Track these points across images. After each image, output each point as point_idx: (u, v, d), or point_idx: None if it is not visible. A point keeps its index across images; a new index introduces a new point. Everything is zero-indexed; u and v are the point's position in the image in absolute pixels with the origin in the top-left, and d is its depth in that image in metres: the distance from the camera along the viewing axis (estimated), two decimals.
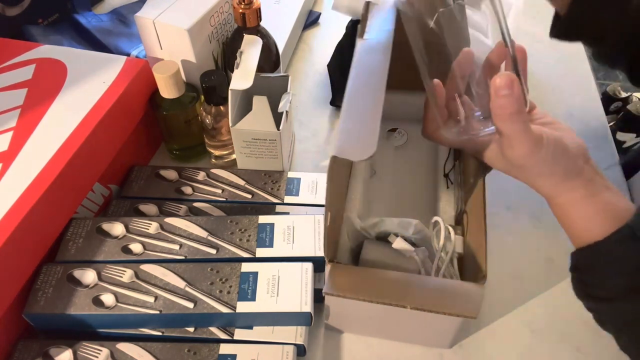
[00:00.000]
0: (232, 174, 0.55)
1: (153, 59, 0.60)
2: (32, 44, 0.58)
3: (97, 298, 0.43)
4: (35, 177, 0.44)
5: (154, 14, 0.56)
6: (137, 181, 0.55)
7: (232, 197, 0.53)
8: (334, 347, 0.47)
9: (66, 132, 0.47)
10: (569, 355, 0.47)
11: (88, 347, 0.42)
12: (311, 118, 0.68)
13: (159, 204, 0.53)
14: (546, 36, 0.51)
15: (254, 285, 0.43)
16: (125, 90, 0.52)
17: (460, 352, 0.46)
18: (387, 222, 0.47)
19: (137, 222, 0.48)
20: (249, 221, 0.49)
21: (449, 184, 0.57)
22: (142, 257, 0.46)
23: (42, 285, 0.44)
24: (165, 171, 0.56)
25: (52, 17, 0.76)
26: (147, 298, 0.43)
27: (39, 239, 0.45)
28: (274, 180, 0.55)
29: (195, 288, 0.44)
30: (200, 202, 0.54)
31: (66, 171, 0.45)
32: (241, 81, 0.50)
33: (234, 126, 0.52)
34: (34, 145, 0.46)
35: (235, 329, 0.44)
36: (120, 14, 0.80)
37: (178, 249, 0.47)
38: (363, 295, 0.40)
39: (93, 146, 0.48)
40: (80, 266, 0.45)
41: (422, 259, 0.45)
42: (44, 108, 0.50)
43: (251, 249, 0.47)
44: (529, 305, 0.50)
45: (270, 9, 0.78)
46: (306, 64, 0.77)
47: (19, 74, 0.54)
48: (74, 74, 0.54)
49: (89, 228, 0.48)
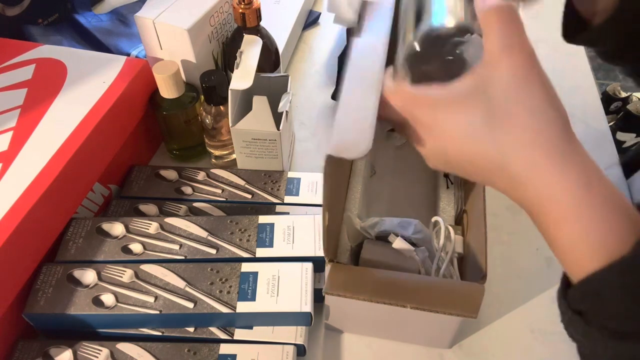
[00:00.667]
0: (232, 174, 0.55)
1: (153, 59, 0.60)
2: (32, 44, 0.58)
3: (97, 298, 0.43)
4: (35, 177, 0.44)
5: (154, 14, 0.56)
6: (137, 181, 0.55)
7: (232, 197, 0.53)
8: (334, 347, 0.47)
9: (66, 132, 0.47)
10: (568, 355, 0.47)
11: (88, 347, 0.42)
12: (311, 118, 0.68)
13: (159, 204, 0.53)
14: (546, 36, 0.51)
15: (254, 285, 0.43)
16: (125, 90, 0.52)
17: (460, 352, 0.46)
18: (387, 222, 0.47)
19: (137, 222, 0.48)
20: (249, 221, 0.49)
21: (449, 184, 0.57)
22: (142, 257, 0.46)
23: (42, 285, 0.44)
24: (165, 171, 0.56)
25: (52, 17, 0.76)
26: (147, 298, 0.43)
27: (39, 239, 0.45)
28: (274, 180, 0.55)
29: (195, 288, 0.44)
30: (200, 202, 0.54)
31: (66, 171, 0.45)
32: (241, 81, 0.50)
33: (234, 126, 0.52)
34: (34, 145, 0.46)
35: (235, 329, 0.44)
36: (120, 14, 0.80)
37: (178, 249, 0.47)
38: (363, 294, 0.40)
39: (93, 146, 0.48)
40: (80, 266, 0.45)
41: (422, 259, 0.45)
42: (44, 108, 0.50)
43: (251, 249, 0.47)
44: (529, 305, 0.50)
45: (270, 9, 0.78)
46: (306, 64, 0.77)
47: (18, 74, 0.54)
48: (74, 74, 0.54)
49: (89, 228, 0.48)
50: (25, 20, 0.72)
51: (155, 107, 0.56)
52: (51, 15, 0.76)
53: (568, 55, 0.77)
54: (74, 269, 0.45)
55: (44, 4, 0.74)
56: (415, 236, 0.46)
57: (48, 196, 0.43)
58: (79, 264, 0.45)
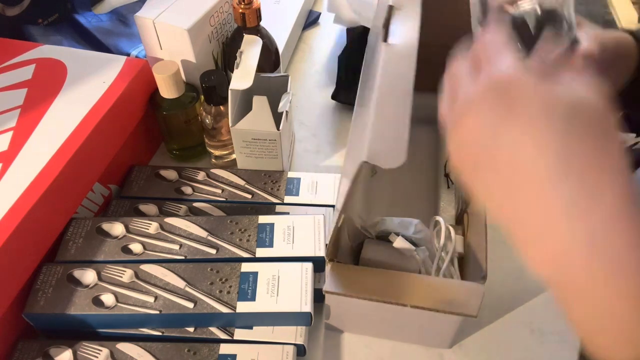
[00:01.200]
0: (232, 174, 0.55)
1: (153, 59, 0.60)
2: (32, 44, 0.58)
3: (97, 298, 0.43)
4: (35, 177, 0.44)
5: (154, 14, 0.56)
6: (137, 181, 0.55)
7: (232, 197, 0.53)
8: (334, 347, 0.47)
9: (66, 132, 0.47)
10: (569, 355, 0.47)
11: (88, 347, 0.42)
12: (311, 118, 0.68)
13: (159, 204, 0.53)
14: None
15: (253, 285, 0.43)
16: (125, 90, 0.52)
17: (460, 352, 0.46)
18: (387, 222, 0.47)
19: (137, 222, 0.48)
20: (249, 221, 0.49)
21: (449, 184, 0.57)
22: (142, 257, 0.46)
23: (42, 285, 0.44)
24: (165, 171, 0.56)
25: (52, 17, 0.76)
26: (147, 298, 0.43)
27: (39, 238, 0.45)
28: (274, 180, 0.55)
29: (195, 288, 0.44)
30: (200, 202, 0.54)
31: (66, 171, 0.45)
32: (241, 81, 0.50)
33: (234, 126, 0.52)
34: (34, 145, 0.46)
35: (236, 329, 0.44)
36: (120, 14, 0.80)
37: (178, 249, 0.47)
38: (363, 294, 0.40)
39: (93, 146, 0.48)
40: (80, 266, 0.45)
41: (422, 259, 0.45)
42: (44, 108, 0.50)
43: (251, 249, 0.46)
44: (529, 305, 0.50)
45: (270, 9, 0.78)
46: (306, 64, 0.77)
47: (18, 74, 0.54)
48: (74, 74, 0.54)
49: (89, 228, 0.48)
50: (25, 20, 0.72)
51: (155, 107, 0.56)
52: (51, 16, 0.76)
53: None
54: (74, 269, 0.45)
55: (43, 4, 0.74)
56: (416, 236, 0.46)
57: (48, 196, 0.43)
58: (79, 264, 0.45)
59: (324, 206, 0.52)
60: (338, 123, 0.68)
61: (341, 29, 0.80)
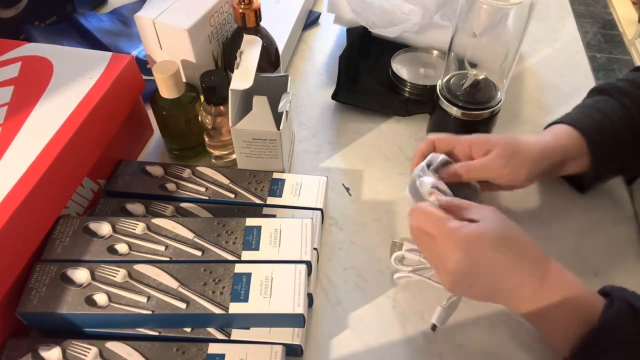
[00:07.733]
0: (217, 172, 0.55)
1: (153, 59, 0.60)
2: (17, 42, 0.58)
3: (90, 297, 0.43)
4: (24, 172, 0.44)
5: (154, 14, 0.56)
6: (122, 176, 0.55)
7: (215, 195, 0.53)
8: (332, 348, 0.47)
9: (54, 127, 0.47)
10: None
11: (77, 346, 0.42)
12: (311, 118, 0.68)
13: (146, 203, 0.52)
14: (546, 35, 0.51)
15: (246, 287, 0.43)
16: (112, 85, 0.52)
17: (460, 352, 0.46)
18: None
19: (124, 222, 0.48)
20: (236, 223, 0.48)
21: None
22: (127, 257, 0.46)
23: (35, 284, 0.43)
24: (152, 167, 0.56)
25: (50, 20, 0.76)
26: (139, 298, 0.43)
27: (28, 235, 0.44)
28: (258, 181, 0.54)
29: (188, 288, 0.43)
30: (185, 201, 0.53)
31: (55, 166, 0.45)
32: (241, 81, 0.50)
33: (234, 126, 0.52)
34: (22, 142, 0.46)
35: (232, 330, 0.44)
36: (120, 14, 0.80)
37: (164, 250, 0.46)
38: None
39: (81, 141, 0.48)
40: (73, 265, 0.45)
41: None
42: (31, 105, 0.50)
43: (237, 252, 0.46)
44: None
45: (270, 9, 0.78)
46: (306, 64, 0.77)
47: (5, 72, 0.54)
48: (60, 71, 0.54)
49: (76, 227, 0.48)
50: (21, 22, 0.72)
51: (155, 107, 0.56)
52: (49, 18, 0.76)
53: (568, 55, 0.77)
54: (67, 268, 0.44)
55: (41, 6, 0.74)
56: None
57: (37, 192, 0.43)
58: (64, 262, 0.45)
59: (307, 209, 0.52)
60: (338, 123, 0.68)
61: (341, 29, 0.80)
